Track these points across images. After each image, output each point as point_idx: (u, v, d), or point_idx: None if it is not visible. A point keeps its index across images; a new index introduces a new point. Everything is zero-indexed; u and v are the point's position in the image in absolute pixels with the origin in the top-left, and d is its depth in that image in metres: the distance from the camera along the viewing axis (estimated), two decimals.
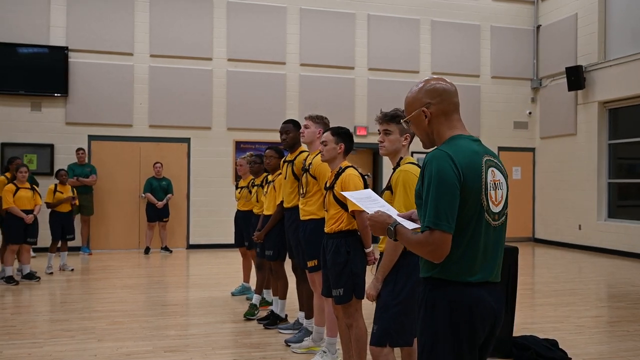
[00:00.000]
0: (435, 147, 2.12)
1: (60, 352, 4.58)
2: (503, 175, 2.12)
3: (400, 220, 2.14)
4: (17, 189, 7.61)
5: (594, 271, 9.23)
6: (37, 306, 6.45)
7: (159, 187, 10.67)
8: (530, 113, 13.12)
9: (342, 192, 2.74)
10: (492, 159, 2.10)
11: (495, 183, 2.06)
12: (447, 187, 1.95)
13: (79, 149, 10.28)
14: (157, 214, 10.63)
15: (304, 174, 4.32)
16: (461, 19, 12.72)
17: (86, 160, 10.50)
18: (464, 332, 2.01)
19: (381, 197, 3.09)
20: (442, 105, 2.14)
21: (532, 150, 13.18)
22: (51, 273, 8.22)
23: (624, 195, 11.53)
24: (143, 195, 10.74)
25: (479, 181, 2.01)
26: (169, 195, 10.72)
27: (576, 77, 11.48)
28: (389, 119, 3.12)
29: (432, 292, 2.06)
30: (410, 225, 2.10)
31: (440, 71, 12.49)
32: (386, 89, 12.06)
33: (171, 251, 10.76)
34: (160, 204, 10.57)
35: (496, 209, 2.06)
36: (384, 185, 12.30)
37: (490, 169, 2.06)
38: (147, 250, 10.61)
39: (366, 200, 2.34)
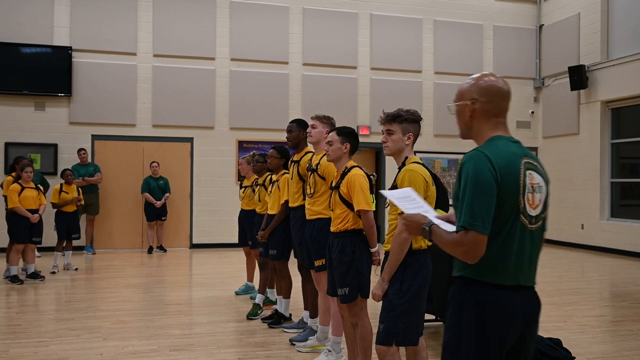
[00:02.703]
0: (475, 147, 2.10)
1: (66, 350, 4.60)
2: (543, 179, 2.09)
3: (437, 222, 2.12)
4: (23, 188, 7.64)
5: (597, 270, 9.24)
6: (43, 305, 6.49)
7: (156, 186, 10.69)
8: (532, 112, 13.12)
9: (381, 191, 2.74)
10: (531, 161, 2.07)
11: (533, 186, 2.04)
12: (484, 188, 1.94)
13: (80, 150, 10.31)
14: (156, 213, 10.66)
15: (311, 174, 4.33)
16: (464, 19, 12.73)
17: (89, 160, 10.54)
18: (489, 334, 1.99)
19: None
20: (489, 106, 2.11)
21: (535, 149, 13.18)
22: (54, 272, 8.24)
23: (626, 195, 11.53)
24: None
25: (516, 183, 1.99)
26: (166, 195, 10.74)
27: (579, 77, 11.48)
28: (391, 119, 3.14)
29: (462, 292, 2.06)
30: (448, 227, 2.08)
31: (443, 71, 12.53)
32: (389, 88, 12.09)
33: (165, 250, 10.79)
34: (158, 203, 10.59)
35: (533, 212, 2.03)
36: (387, 184, 12.33)
37: (529, 172, 2.04)
38: (150, 250, 10.64)
39: (405, 200, 2.31)
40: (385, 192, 2.49)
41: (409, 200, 2.31)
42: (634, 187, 11.27)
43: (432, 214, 2.21)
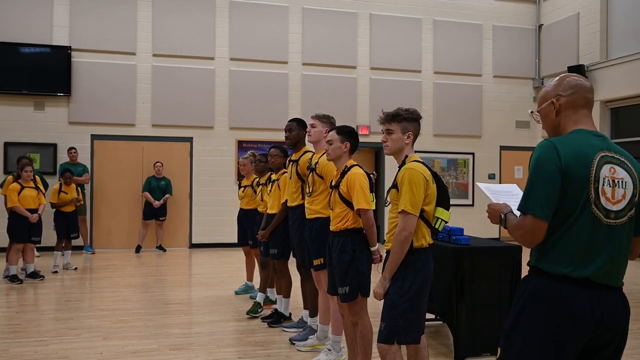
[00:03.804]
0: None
1: (67, 350, 4.61)
2: (630, 176, 2.03)
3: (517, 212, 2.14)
4: (22, 188, 7.64)
5: None
6: (42, 305, 6.48)
7: (157, 186, 10.68)
8: (532, 112, 13.12)
9: (477, 184, 2.77)
10: (615, 156, 2.03)
11: (614, 180, 1.99)
12: (544, 174, 1.96)
13: (70, 149, 10.28)
14: (153, 213, 10.65)
15: (310, 173, 4.34)
16: (463, 19, 12.74)
17: (85, 160, 10.53)
18: (544, 325, 1.96)
19: (387, 195, 3.12)
20: (572, 98, 2.13)
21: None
22: (56, 272, 8.24)
23: None
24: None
25: (585, 173, 1.96)
26: (166, 196, 10.72)
27: None
28: (391, 118, 3.14)
29: (526, 280, 2.07)
30: None
31: (443, 71, 12.53)
32: (388, 88, 12.09)
33: (165, 250, 10.78)
34: (156, 203, 10.58)
35: (612, 207, 1.98)
36: (387, 184, 12.31)
37: (609, 165, 2.00)
38: (138, 249, 10.60)
39: (503, 194, 2.34)
40: (482, 185, 2.52)
41: (507, 195, 2.33)
42: None
43: None
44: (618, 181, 2.00)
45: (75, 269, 8.60)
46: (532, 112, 2.30)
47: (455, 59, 12.59)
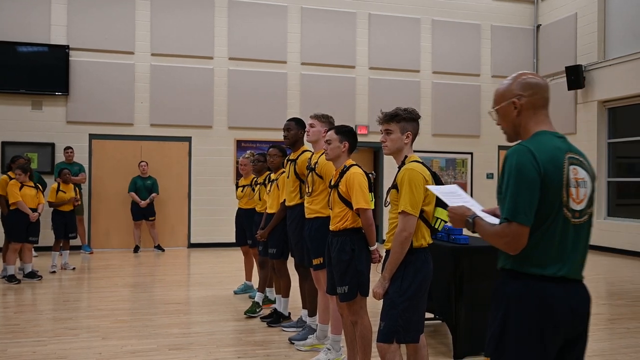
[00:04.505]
0: (519, 141, 2.13)
1: (65, 350, 4.60)
2: (588, 174, 2.11)
3: (483, 215, 2.16)
4: (22, 186, 7.62)
5: (594, 269, 9.26)
6: (40, 305, 6.47)
7: (143, 186, 10.64)
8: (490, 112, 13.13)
9: (427, 187, 2.78)
10: (576, 157, 2.08)
11: (577, 181, 2.05)
12: (527, 180, 1.97)
13: (67, 148, 10.26)
14: (142, 213, 10.60)
15: (310, 173, 4.34)
16: (462, 18, 12.75)
17: (82, 159, 10.52)
18: (531, 327, 2.00)
19: (387, 195, 3.12)
20: (533, 99, 2.14)
21: None
22: (54, 272, 8.23)
23: (623, 194, 11.57)
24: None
25: (559, 176, 2.01)
26: (153, 195, 10.68)
27: (576, 77, 11.52)
28: (389, 118, 3.15)
29: (504, 283, 2.08)
30: (492, 220, 2.11)
31: (441, 70, 12.55)
32: (387, 88, 12.10)
33: (163, 250, 10.77)
34: (143, 203, 10.54)
35: (577, 207, 2.05)
36: (385, 183, 12.31)
37: (573, 167, 2.05)
38: (136, 249, 10.60)
39: (451, 195, 2.37)
40: (431, 187, 2.54)
41: (454, 196, 2.36)
42: (630, 187, 11.31)
43: (477, 208, 2.23)
44: (580, 181, 2.06)
45: (74, 268, 8.59)
46: (489, 111, 2.29)
47: (454, 59, 12.60)
